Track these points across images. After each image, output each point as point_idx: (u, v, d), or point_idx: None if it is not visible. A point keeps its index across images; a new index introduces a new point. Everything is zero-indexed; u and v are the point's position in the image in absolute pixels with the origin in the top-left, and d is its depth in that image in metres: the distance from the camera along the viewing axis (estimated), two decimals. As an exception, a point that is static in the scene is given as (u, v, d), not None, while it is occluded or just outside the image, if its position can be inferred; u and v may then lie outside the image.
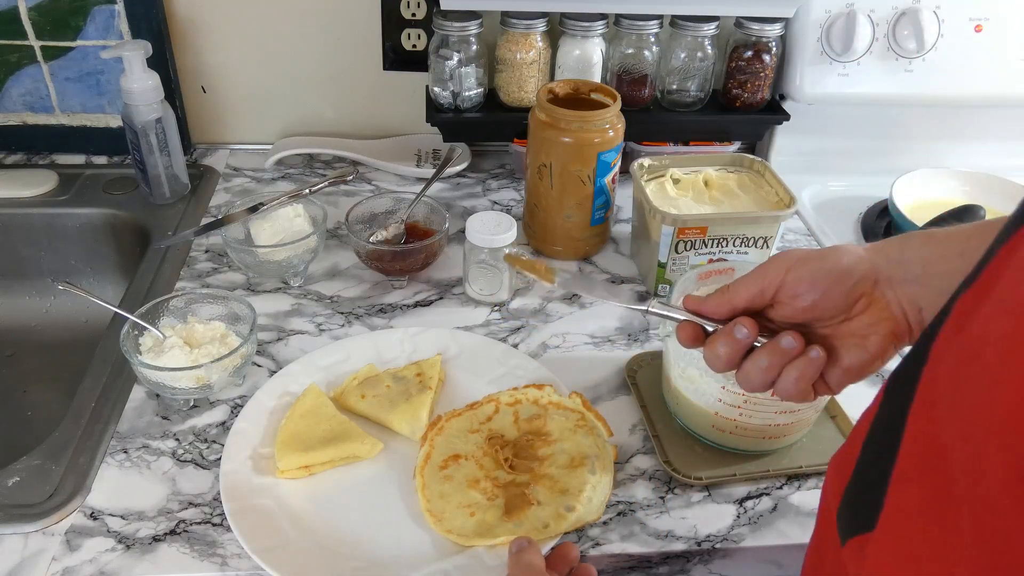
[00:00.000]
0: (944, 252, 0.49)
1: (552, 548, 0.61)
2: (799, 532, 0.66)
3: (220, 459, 0.67)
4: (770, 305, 0.53)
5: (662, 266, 0.87)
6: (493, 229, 0.84)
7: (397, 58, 1.10)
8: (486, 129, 1.09)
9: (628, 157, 0.97)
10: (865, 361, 0.50)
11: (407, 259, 0.87)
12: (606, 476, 0.67)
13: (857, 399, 0.56)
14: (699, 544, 0.64)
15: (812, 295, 0.50)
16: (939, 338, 0.28)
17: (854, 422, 0.53)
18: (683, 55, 1.04)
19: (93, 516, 0.64)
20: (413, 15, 1.06)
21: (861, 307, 0.50)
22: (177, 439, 0.71)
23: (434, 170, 1.10)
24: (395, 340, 0.81)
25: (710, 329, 0.54)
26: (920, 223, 0.95)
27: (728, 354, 0.51)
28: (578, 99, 0.91)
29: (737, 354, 0.51)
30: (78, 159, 1.11)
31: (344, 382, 0.76)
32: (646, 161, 0.92)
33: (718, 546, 0.64)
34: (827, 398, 0.69)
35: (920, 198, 1.04)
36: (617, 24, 1.02)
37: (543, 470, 0.67)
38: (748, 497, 0.68)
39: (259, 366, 0.79)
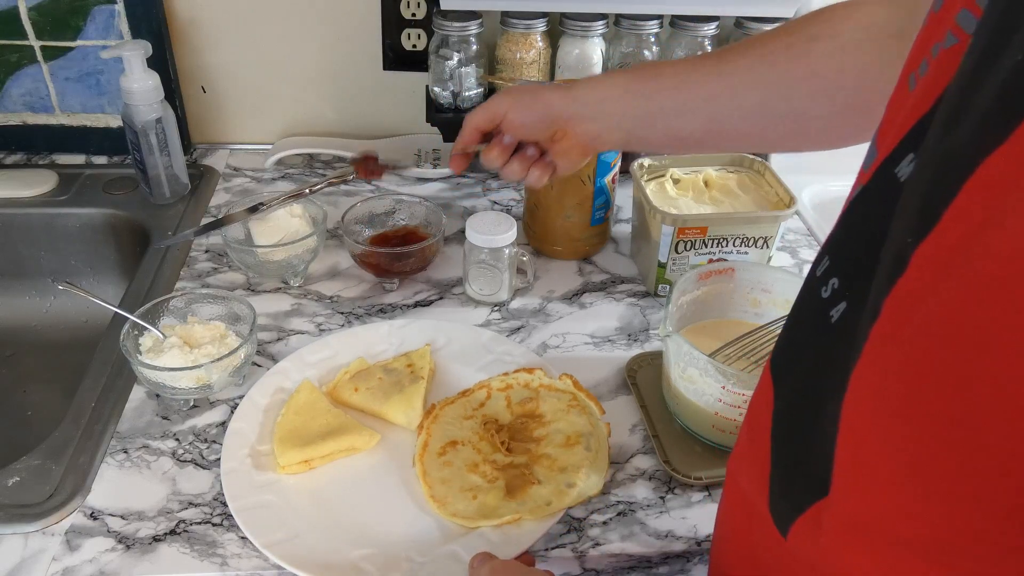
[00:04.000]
0: (617, 94, 0.70)
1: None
2: (799, 532, 0.66)
3: (219, 459, 0.67)
4: (500, 130, 0.74)
5: (662, 266, 0.87)
6: (493, 229, 0.84)
7: (397, 58, 1.10)
8: (486, 129, 1.09)
9: (628, 157, 0.97)
10: (570, 165, 0.75)
11: (400, 262, 0.87)
12: (602, 452, 0.68)
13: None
14: (699, 544, 0.64)
15: (525, 126, 0.73)
16: (893, 294, 0.28)
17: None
18: (683, 55, 1.04)
19: (93, 516, 0.64)
20: (413, 15, 1.06)
21: (560, 135, 0.72)
22: (177, 439, 0.71)
23: (434, 169, 1.10)
24: (382, 333, 0.81)
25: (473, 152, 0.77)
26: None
27: (499, 154, 0.74)
28: (578, 99, 0.91)
29: (505, 154, 0.74)
30: (78, 159, 1.11)
31: (336, 377, 0.77)
32: (646, 161, 0.92)
33: (718, 546, 0.64)
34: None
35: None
36: (617, 24, 1.02)
37: (540, 450, 0.68)
38: (748, 497, 0.68)
39: (259, 366, 0.79)
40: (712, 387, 0.66)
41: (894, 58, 0.58)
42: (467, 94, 1.03)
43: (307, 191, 0.93)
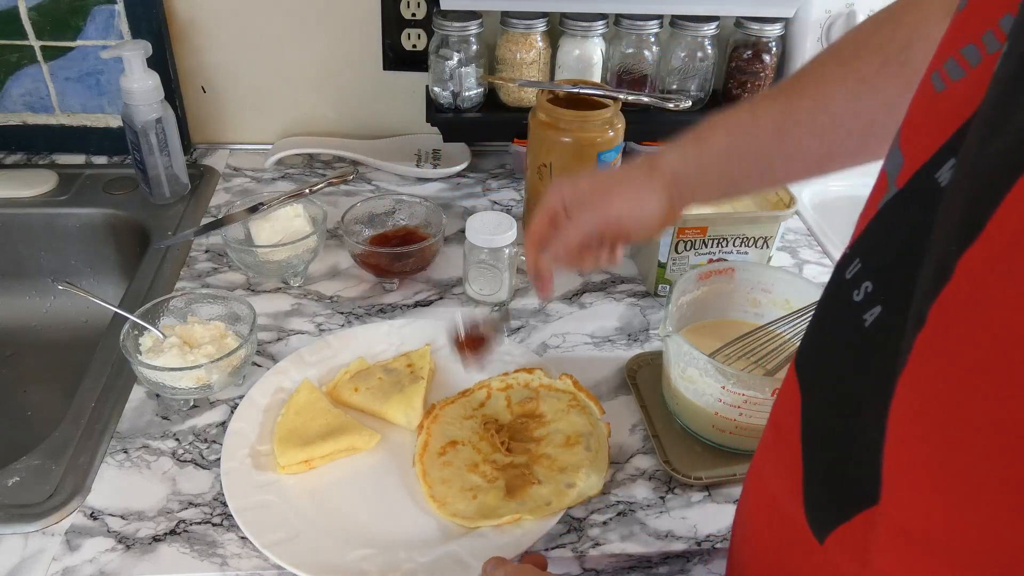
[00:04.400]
0: (714, 160, 0.60)
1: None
2: (799, 532, 0.66)
3: (219, 459, 0.67)
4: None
5: (662, 266, 0.87)
6: (493, 229, 0.84)
7: (397, 58, 1.10)
8: (486, 129, 1.09)
9: (628, 157, 0.97)
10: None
11: (400, 262, 0.87)
12: (602, 452, 0.68)
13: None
14: (699, 544, 0.64)
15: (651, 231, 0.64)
16: (939, 302, 0.28)
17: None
18: (683, 55, 1.04)
19: (93, 516, 0.64)
20: (413, 15, 1.06)
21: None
22: (177, 439, 0.71)
23: (434, 169, 1.10)
24: (382, 333, 0.81)
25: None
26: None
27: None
28: (578, 99, 0.91)
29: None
30: (78, 159, 1.11)
31: (336, 376, 0.77)
32: (646, 161, 0.92)
33: (718, 546, 0.64)
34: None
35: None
36: (617, 24, 1.02)
37: (540, 450, 0.69)
38: (748, 497, 0.68)
39: (259, 366, 0.79)
40: (712, 387, 0.66)
41: None
42: (467, 94, 1.03)
43: (307, 191, 0.93)
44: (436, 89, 1.04)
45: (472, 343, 0.70)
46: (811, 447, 0.39)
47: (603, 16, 1.01)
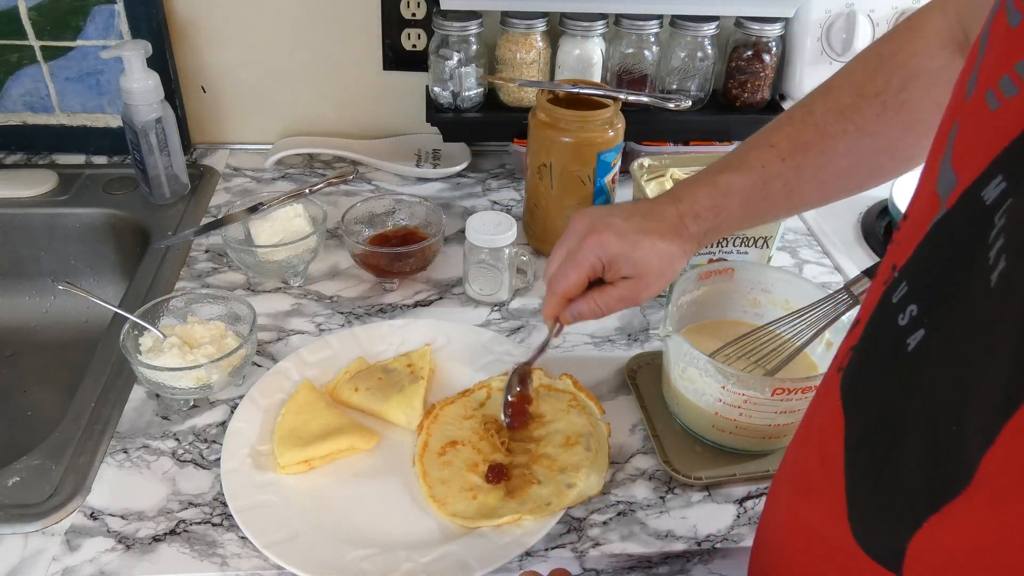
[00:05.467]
0: (726, 203, 0.65)
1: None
2: (799, 532, 0.66)
3: (219, 459, 0.67)
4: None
5: (662, 266, 0.87)
6: (493, 229, 0.84)
7: (397, 58, 1.10)
8: (486, 129, 1.09)
9: (628, 157, 0.97)
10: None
11: (400, 262, 0.87)
12: (602, 452, 0.68)
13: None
14: (699, 544, 0.64)
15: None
16: None
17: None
18: (683, 55, 1.04)
19: (93, 516, 0.64)
20: (413, 15, 1.06)
21: None
22: (177, 439, 0.71)
23: (434, 169, 1.10)
24: (383, 333, 0.81)
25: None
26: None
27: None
28: (578, 99, 0.91)
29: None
30: (78, 159, 1.11)
31: (336, 376, 0.77)
32: (646, 161, 0.92)
33: (718, 546, 0.64)
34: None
35: (920, 198, 1.03)
36: (617, 24, 1.02)
37: (540, 450, 0.68)
38: (748, 497, 0.68)
39: (259, 366, 0.79)
40: (712, 387, 0.66)
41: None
42: (467, 94, 1.03)
43: (307, 191, 0.93)
44: (436, 89, 1.04)
45: (519, 406, 0.71)
46: (854, 472, 0.38)
47: (603, 16, 1.01)
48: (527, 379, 0.72)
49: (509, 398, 0.70)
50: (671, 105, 0.93)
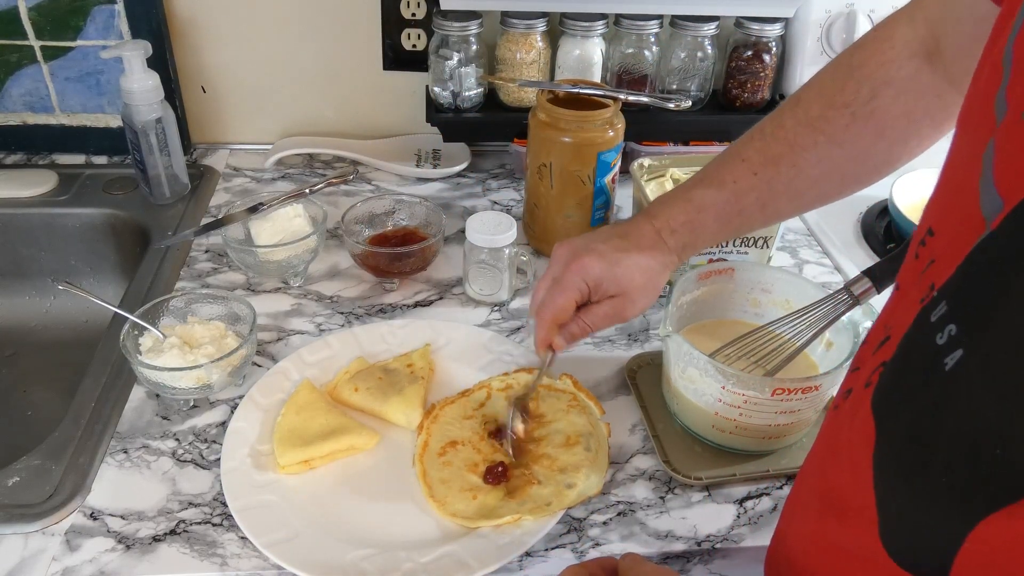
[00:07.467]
0: (700, 219, 0.67)
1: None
2: (799, 532, 0.66)
3: (219, 459, 0.67)
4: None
5: (662, 266, 0.87)
6: (493, 229, 0.84)
7: (397, 58, 1.10)
8: (486, 129, 1.09)
9: (628, 157, 0.97)
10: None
11: (400, 262, 0.87)
12: (602, 452, 0.68)
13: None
14: (699, 544, 0.64)
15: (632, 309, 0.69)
16: None
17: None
18: (683, 55, 1.04)
19: (93, 516, 0.64)
20: (413, 15, 1.06)
21: None
22: (177, 439, 0.71)
23: (434, 169, 1.10)
24: (382, 333, 0.81)
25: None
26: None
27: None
28: (578, 99, 0.91)
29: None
30: (78, 159, 1.11)
31: (336, 376, 0.76)
32: (646, 161, 0.92)
33: (718, 546, 0.64)
34: (828, 399, 0.69)
35: (920, 198, 1.04)
36: (617, 24, 1.02)
37: (540, 450, 0.68)
38: (748, 497, 0.68)
39: (259, 366, 0.79)
40: (712, 387, 0.66)
41: (932, 75, 0.61)
42: (467, 94, 1.03)
43: (307, 191, 0.93)
44: (436, 89, 1.04)
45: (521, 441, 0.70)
46: (884, 487, 0.39)
47: (603, 16, 1.01)
48: (527, 412, 0.71)
49: (512, 435, 0.69)
50: (671, 105, 0.93)
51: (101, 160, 1.11)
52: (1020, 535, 0.31)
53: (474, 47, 1.01)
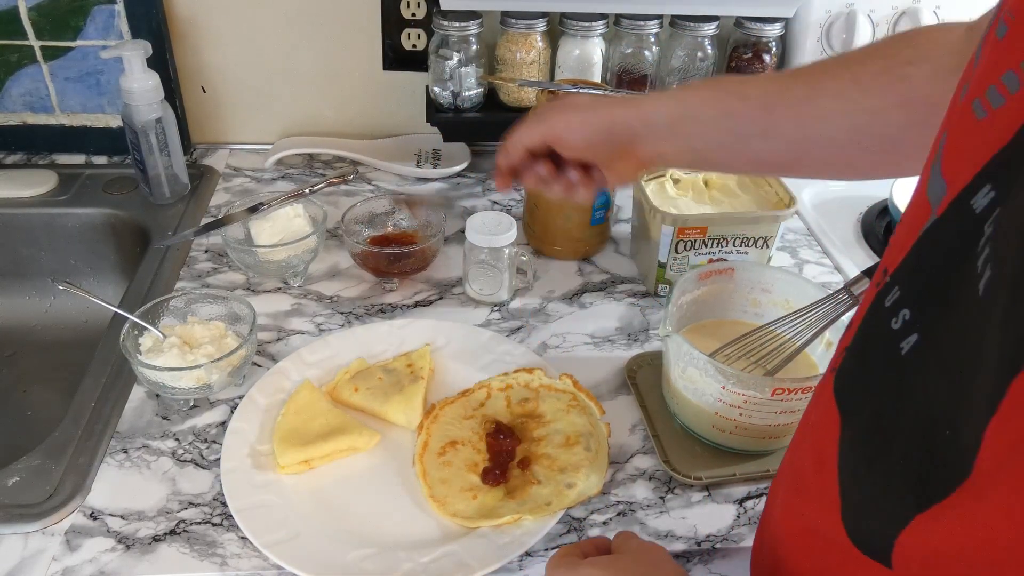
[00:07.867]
0: (695, 115, 0.61)
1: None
2: (799, 532, 0.66)
3: (219, 459, 0.67)
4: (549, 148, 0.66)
5: (662, 266, 0.87)
6: (493, 229, 0.84)
7: (397, 58, 1.10)
8: (486, 129, 1.09)
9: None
10: (622, 181, 0.68)
11: (400, 262, 0.87)
12: (602, 452, 0.68)
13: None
14: (699, 544, 0.64)
15: (582, 147, 0.64)
16: None
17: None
18: (683, 55, 1.04)
19: (93, 516, 0.64)
20: (413, 15, 1.06)
21: (621, 154, 0.64)
22: (177, 439, 0.71)
23: (434, 169, 1.10)
24: (382, 333, 0.81)
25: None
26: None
27: (545, 180, 0.68)
28: (578, 99, 0.91)
29: (540, 183, 0.68)
30: (78, 159, 1.11)
31: (336, 376, 0.77)
32: (646, 161, 0.92)
33: (718, 546, 0.64)
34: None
35: (920, 198, 1.04)
36: (617, 24, 1.02)
37: (540, 450, 0.68)
38: (748, 497, 0.68)
39: (259, 366, 0.79)
40: (712, 387, 0.66)
41: None
42: (467, 94, 1.03)
43: (307, 191, 0.93)
44: (436, 89, 1.04)
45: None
46: (848, 470, 0.39)
47: (603, 16, 1.01)
48: (412, 206, 0.74)
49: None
50: None
51: (101, 160, 1.11)
52: (956, 524, 0.31)
53: (474, 47, 1.01)
